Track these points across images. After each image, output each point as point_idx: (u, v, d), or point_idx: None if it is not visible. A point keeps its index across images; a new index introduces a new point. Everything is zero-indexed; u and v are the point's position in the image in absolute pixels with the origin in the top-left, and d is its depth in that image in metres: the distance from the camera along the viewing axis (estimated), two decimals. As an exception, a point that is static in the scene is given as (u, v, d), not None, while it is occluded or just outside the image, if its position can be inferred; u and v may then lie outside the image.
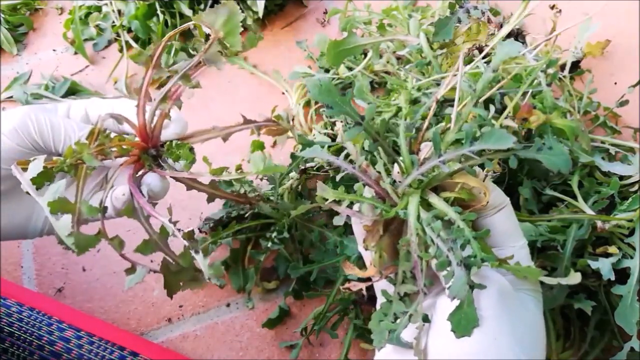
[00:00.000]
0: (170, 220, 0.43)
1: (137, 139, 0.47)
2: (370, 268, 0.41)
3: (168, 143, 0.48)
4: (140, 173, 0.47)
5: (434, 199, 0.40)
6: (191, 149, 0.48)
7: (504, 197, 0.42)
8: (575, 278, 0.38)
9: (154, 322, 0.65)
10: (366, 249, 0.41)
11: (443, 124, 0.43)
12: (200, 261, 0.41)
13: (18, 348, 0.54)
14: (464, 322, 0.35)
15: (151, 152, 0.47)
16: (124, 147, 0.45)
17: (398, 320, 0.38)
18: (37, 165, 0.40)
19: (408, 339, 0.38)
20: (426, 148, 0.42)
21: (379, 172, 0.41)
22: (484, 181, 0.40)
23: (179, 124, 0.48)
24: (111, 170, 0.48)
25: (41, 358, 0.54)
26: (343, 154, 0.48)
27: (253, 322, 0.65)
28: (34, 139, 0.47)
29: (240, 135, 0.81)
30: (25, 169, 0.41)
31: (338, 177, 0.44)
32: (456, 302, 0.36)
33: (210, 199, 0.50)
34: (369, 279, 0.42)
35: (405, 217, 0.39)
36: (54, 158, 0.41)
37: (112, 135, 0.46)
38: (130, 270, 0.45)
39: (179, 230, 0.43)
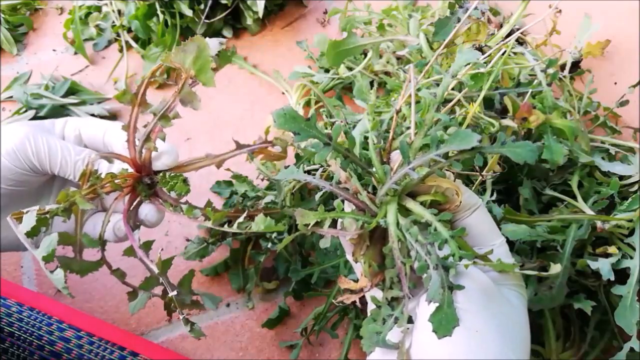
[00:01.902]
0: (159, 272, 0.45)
1: (130, 170, 0.48)
2: (361, 279, 0.42)
3: (162, 174, 0.49)
4: (135, 203, 0.49)
5: (410, 204, 0.41)
6: (185, 180, 0.50)
7: (476, 199, 0.43)
8: (554, 268, 0.39)
9: (154, 322, 0.65)
10: (356, 262, 0.42)
11: (410, 130, 0.43)
12: (184, 324, 0.44)
13: (18, 348, 0.54)
14: (444, 322, 0.35)
15: (145, 180, 0.49)
16: (117, 181, 0.47)
17: (385, 324, 0.39)
18: (30, 218, 0.42)
19: (396, 340, 0.38)
20: (396, 156, 0.43)
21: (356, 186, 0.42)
22: (454, 181, 0.42)
23: (170, 156, 0.50)
24: (108, 200, 0.50)
25: (41, 358, 0.54)
26: (319, 172, 0.49)
27: (253, 322, 0.66)
28: (31, 161, 0.49)
29: (240, 135, 0.82)
30: (19, 219, 0.43)
31: (317, 196, 0.45)
32: (435, 303, 0.36)
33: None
34: (361, 290, 0.43)
35: (386, 226, 0.40)
36: (47, 207, 0.43)
37: (103, 168, 0.49)
38: (132, 295, 0.47)
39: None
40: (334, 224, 0.42)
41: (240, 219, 0.45)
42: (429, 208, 0.41)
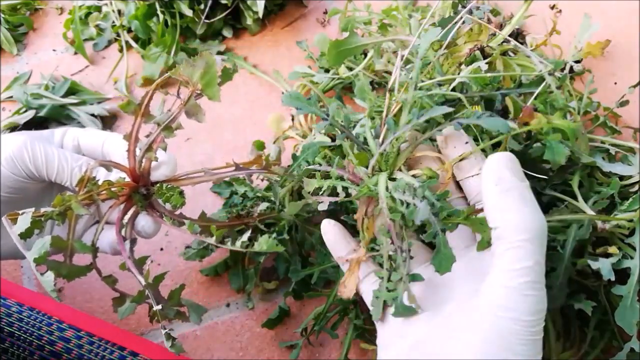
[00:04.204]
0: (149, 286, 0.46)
1: (127, 179, 0.49)
2: (360, 250, 0.46)
3: (159, 185, 0.50)
4: (131, 212, 0.50)
5: (400, 175, 0.46)
6: (181, 193, 0.50)
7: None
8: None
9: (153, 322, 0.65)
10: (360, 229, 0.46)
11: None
12: (165, 342, 0.45)
13: (18, 348, 0.54)
14: (444, 261, 0.41)
15: (141, 190, 0.50)
16: (113, 189, 0.48)
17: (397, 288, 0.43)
18: (25, 219, 0.42)
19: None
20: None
21: (351, 161, 0.49)
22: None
23: (169, 166, 0.51)
24: (103, 208, 0.51)
25: (41, 358, 0.54)
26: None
27: (253, 322, 0.66)
28: (28, 168, 0.50)
29: (240, 136, 0.82)
30: (15, 221, 0.43)
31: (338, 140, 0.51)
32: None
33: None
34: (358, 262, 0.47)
35: (376, 192, 0.45)
36: (42, 210, 0.44)
37: (100, 175, 0.50)
38: (119, 301, 0.48)
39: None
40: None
41: (244, 238, 0.46)
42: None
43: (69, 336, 0.56)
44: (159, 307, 0.45)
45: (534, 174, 0.59)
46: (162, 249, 0.71)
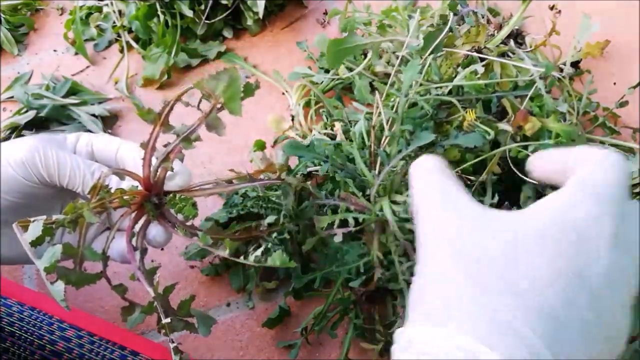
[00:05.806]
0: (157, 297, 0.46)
1: (139, 187, 0.49)
2: None
3: (171, 195, 0.50)
4: (142, 222, 0.49)
5: (398, 197, 0.50)
6: (194, 204, 0.50)
7: None
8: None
9: (154, 322, 0.65)
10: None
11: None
12: (174, 356, 0.45)
13: (19, 348, 0.54)
14: None
15: (153, 200, 0.49)
16: (126, 197, 0.47)
17: None
18: (36, 227, 0.42)
19: None
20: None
21: (354, 193, 0.54)
22: None
23: (183, 177, 0.50)
24: (114, 216, 0.51)
25: (42, 357, 0.54)
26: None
27: (253, 322, 0.66)
28: (40, 173, 0.49)
29: (240, 136, 0.82)
30: (25, 228, 0.43)
31: (337, 178, 0.56)
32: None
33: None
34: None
35: (383, 217, 0.49)
36: (54, 217, 0.43)
37: (113, 183, 0.50)
38: (128, 311, 0.48)
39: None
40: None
41: (258, 252, 0.47)
42: None
43: (70, 335, 0.56)
44: (168, 320, 0.44)
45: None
46: (162, 249, 0.71)
